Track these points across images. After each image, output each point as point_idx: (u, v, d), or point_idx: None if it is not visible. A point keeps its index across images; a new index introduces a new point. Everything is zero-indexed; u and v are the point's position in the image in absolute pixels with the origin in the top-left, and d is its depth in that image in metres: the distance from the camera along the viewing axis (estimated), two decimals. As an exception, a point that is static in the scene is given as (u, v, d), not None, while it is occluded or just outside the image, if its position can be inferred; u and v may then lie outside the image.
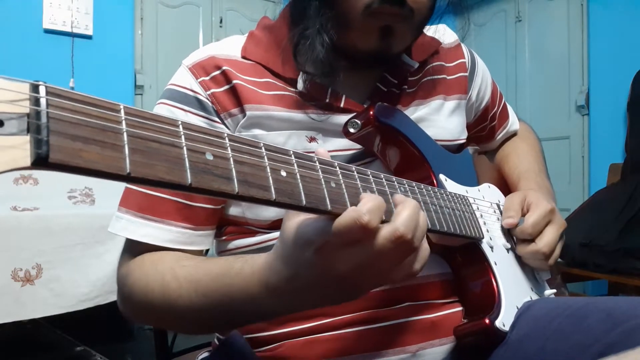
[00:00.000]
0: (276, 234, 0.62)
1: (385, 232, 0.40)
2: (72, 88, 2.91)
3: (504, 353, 0.57)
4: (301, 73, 0.65)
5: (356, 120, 0.62)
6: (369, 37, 0.61)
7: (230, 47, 0.67)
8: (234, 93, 0.63)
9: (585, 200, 2.48)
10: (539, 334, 0.56)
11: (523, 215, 0.67)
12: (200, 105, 0.63)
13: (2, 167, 0.22)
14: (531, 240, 0.65)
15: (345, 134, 0.63)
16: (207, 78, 0.64)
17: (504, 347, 0.58)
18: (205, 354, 0.73)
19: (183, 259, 0.58)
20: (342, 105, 0.65)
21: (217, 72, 0.64)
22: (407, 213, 0.41)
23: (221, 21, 3.38)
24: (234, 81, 0.63)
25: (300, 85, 0.65)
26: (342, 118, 0.64)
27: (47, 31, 2.79)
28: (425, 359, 0.59)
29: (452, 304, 0.63)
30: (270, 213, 0.61)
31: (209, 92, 0.63)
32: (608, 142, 2.75)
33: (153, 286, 0.56)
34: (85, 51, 2.88)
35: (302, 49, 0.61)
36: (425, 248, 0.45)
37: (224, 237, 0.67)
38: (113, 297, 1.85)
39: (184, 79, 0.65)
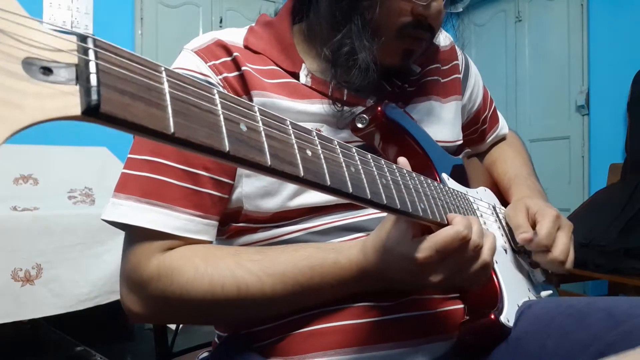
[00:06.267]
0: (278, 230, 0.63)
1: (472, 243, 0.51)
2: (72, 88, 2.91)
3: (505, 350, 0.57)
4: (303, 66, 0.65)
5: (364, 116, 0.63)
6: (393, 56, 0.65)
7: (233, 35, 0.67)
8: (243, 79, 0.62)
9: (585, 200, 2.48)
10: (540, 332, 0.56)
11: (532, 225, 0.68)
12: None
13: (54, 114, 0.22)
14: (547, 250, 0.66)
15: (353, 129, 0.64)
16: (218, 62, 0.63)
17: (505, 344, 0.58)
18: (206, 354, 0.73)
19: (242, 253, 0.58)
20: (345, 98, 0.65)
21: (228, 58, 0.63)
22: (477, 226, 0.52)
23: (221, 21, 3.38)
24: (243, 68, 0.62)
25: (302, 79, 0.65)
26: (346, 110, 0.65)
27: (47, 31, 2.79)
28: (425, 354, 0.59)
29: (453, 300, 0.63)
30: (271, 205, 0.61)
31: (220, 77, 0.62)
32: (608, 142, 2.75)
33: (222, 283, 0.55)
34: (85, 51, 2.89)
35: (349, 64, 0.61)
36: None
37: (225, 236, 0.67)
38: (113, 297, 1.85)
39: (190, 63, 0.63)
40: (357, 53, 0.61)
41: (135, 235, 0.59)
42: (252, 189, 0.61)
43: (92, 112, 0.23)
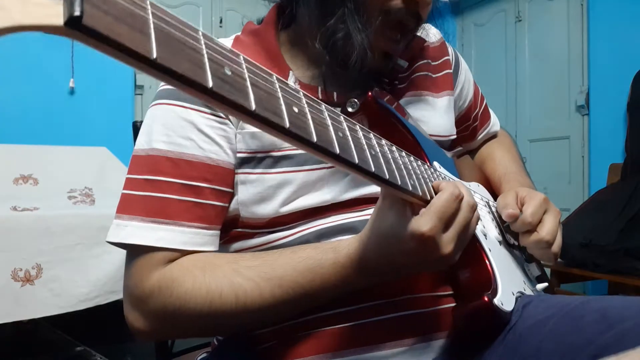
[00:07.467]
0: (274, 235, 0.62)
1: (465, 202, 0.51)
2: (72, 88, 2.91)
3: (503, 352, 0.57)
4: (290, 74, 0.65)
5: (355, 100, 0.62)
6: (380, 46, 0.64)
7: None
8: None
9: (585, 200, 2.48)
10: (535, 333, 0.56)
11: (519, 208, 0.68)
12: (204, 103, 0.62)
13: (37, 19, 0.22)
14: (532, 230, 0.66)
15: (344, 114, 0.64)
16: None
17: (501, 346, 0.58)
18: (204, 355, 0.73)
19: (240, 260, 0.57)
20: (335, 100, 0.65)
21: None
22: (464, 187, 0.52)
23: (221, 21, 3.38)
24: None
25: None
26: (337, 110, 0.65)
27: (47, 31, 2.79)
28: (420, 353, 0.59)
29: (447, 298, 0.63)
30: (266, 211, 0.61)
31: None
32: (608, 142, 2.75)
33: (219, 292, 0.55)
34: (85, 51, 2.87)
35: (347, 50, 0.61)
36: None
37: (222, 241, 0.67)
38: (113, 297, 1.85)
39: None
40: (352, 36, 0.60)
41: (137, 252, 0.59)
42: (248, 195, 0.61)
43: (74, 24, 0.23)
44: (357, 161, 0.38)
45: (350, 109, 0.62)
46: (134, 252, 0.59)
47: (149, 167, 0.59)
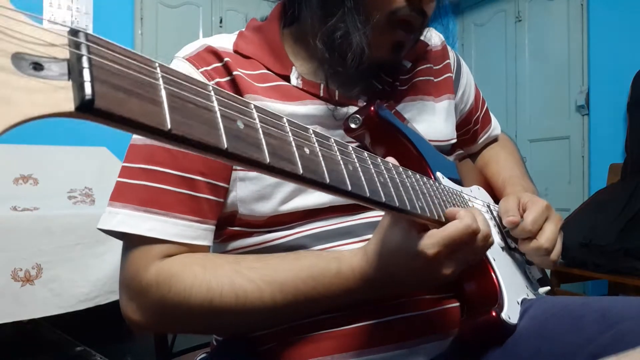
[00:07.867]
0: (273, 235, 0.62)
1: (481, 234, 0.51)
2: (72, 88, 2.92)
3: (501, 354, 0.57)
4: (293, 69, 0.65)
5: (357, 116, 0.63)
6: (382, 50, 0.64)
7: (223, 41, 0.67)
8: (234, 84, 0.62)
9: (585, 200, 2.48)
10: (535, 334, 0.56)
11: (521, 215, 0.68)
12: None
13: (46, 110, 0.21)
14: (532, 237, 0.66)
15: (346, 130, 0.64)
16: (209, 68, 0.63)
17: (501, 348, 0.58)
18: (203, 355, 0.73)
19: (242, 261, 0.57)
20: (336, 98, 0.65)
21: (219, 64, 0.63)
22: (481, 217, 0.52)
23: (221, 21, 3.38)
24: (234, 72, 0.62)
25: (293, 81, 0.65)
26: (339, 110, 0.65)
27: (47, 31, 2.79)
28: (423, 355, 0.59)
29: (448, 300, 0.63)
30: (265, 209, 0.61)
31: (213, 82, 0.61)
32: (608, 142, 2.75)
33: (220, 291, 0.54)
34: (85, 51, 2.89)
35: (344, 48, 0.61)
36: None
37: (219, 240, 0.67)
38: (113, 297, 1.85)
39: (182, 70, 0.62)
40: (351, 35, 0.60)
41: (133, 243, 0.58)
42: (247, 192, 0.61)
43: (86, 108, 0.22)
44: (368, 194, 0.39)
45: (353, 125, 0.63)
46: (129, 243, 0.59)
47: (145, 157, 0.59)
